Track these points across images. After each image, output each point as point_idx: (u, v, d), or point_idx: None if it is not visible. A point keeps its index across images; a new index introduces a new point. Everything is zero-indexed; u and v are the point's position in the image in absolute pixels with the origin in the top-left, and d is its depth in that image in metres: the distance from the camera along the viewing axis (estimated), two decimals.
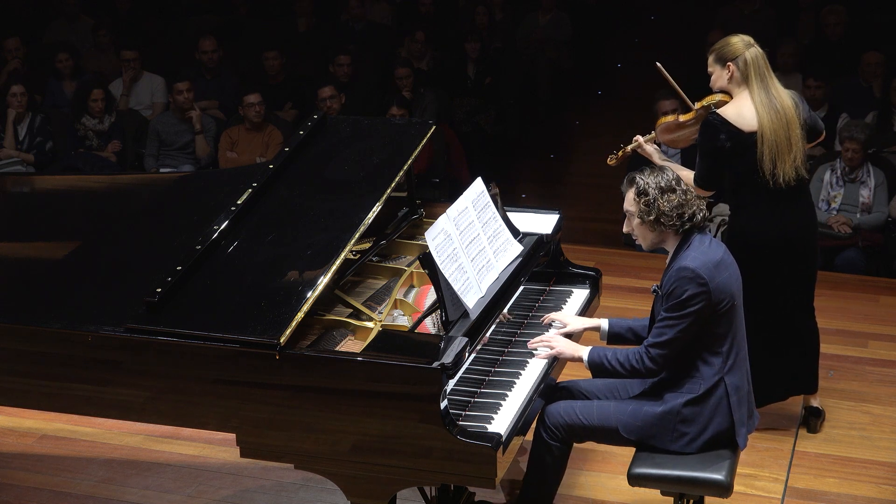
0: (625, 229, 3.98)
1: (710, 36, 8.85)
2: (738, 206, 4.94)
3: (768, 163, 4.73)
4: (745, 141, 4.73)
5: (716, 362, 3.83)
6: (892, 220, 7.35)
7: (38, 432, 5.32)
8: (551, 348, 4.02)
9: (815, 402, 5.27)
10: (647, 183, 3.83)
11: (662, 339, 3.80)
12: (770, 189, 4.75)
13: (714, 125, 4.77)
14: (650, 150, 5.05)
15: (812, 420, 5.25)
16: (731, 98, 4.83)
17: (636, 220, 3.88)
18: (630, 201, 3.89)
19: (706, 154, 4.82)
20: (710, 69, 4.87)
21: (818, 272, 5.12)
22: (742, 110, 4.75)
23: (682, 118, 4.96)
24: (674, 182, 3.83)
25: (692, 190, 3.89)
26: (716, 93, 4.88)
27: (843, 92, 8.23)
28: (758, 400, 4.14)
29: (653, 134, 5.06)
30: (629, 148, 5.08)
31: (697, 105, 4.91)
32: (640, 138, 5.06)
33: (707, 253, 3.81)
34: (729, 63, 4.77)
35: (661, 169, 3.88)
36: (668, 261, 3.90)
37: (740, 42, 4.78)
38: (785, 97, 4.78)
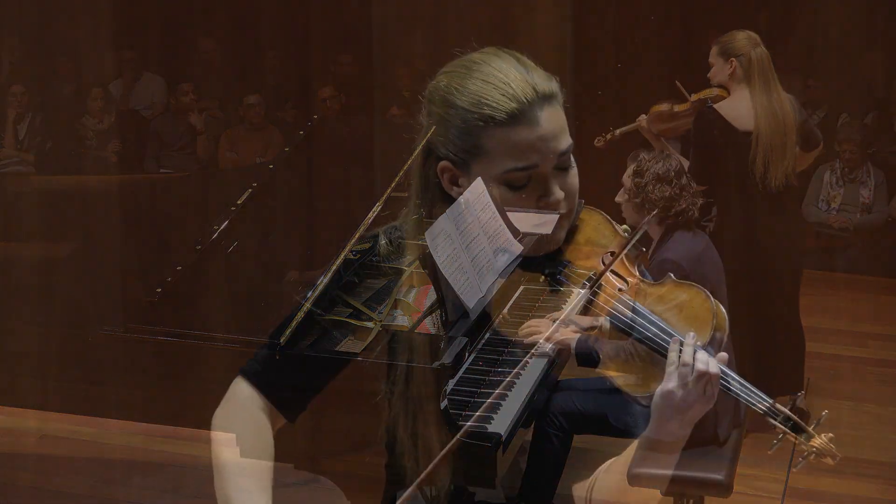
0: (617, 198, 3.97)
1: (711, 36, 8.86)
2: (726, 206, 4.89)
3: (760, 166, 4.68)
4: (736, 140, 4.69)
5: None
6: (892, 219, 7.35)
7: (38, 432, 5.31)
8: (539, 333, 4.01)
9: (798, 403, 5.19)
10: (648, 167, 3.82)
11: None
12: (759, 192, 4.72)
13: (709, 119, 4.72)
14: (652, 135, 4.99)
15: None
16: (729, 94, 4.79)
17: (625, 196, 3.89)
18: (627, 175, 3.89)
19: (700, 147, 4.79)
20: (711, 60, 4.81)
21: (818, 272, 5.10)
22: (739, 108, 4.70)
23: (677, 108, 4.88)
24: (673, 174, 3.81)
25: (692, 186, 3.87)
26: (713, 87, 4.83)
27: (843, 92, 8.23)
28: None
29: (642, 120, 4.98)
30: (618, 131, 5.01)
31: (694, 97, 4.85)
32: (643, 118, 4.98)
33: (689, 247, 3.82)
34: (732, 58, 4.72)
35: (669, 157, 3.87)
36: (650, 254, 3.90)
37: (747, 39, 4.74)
38: (786, 102, 4.74)
